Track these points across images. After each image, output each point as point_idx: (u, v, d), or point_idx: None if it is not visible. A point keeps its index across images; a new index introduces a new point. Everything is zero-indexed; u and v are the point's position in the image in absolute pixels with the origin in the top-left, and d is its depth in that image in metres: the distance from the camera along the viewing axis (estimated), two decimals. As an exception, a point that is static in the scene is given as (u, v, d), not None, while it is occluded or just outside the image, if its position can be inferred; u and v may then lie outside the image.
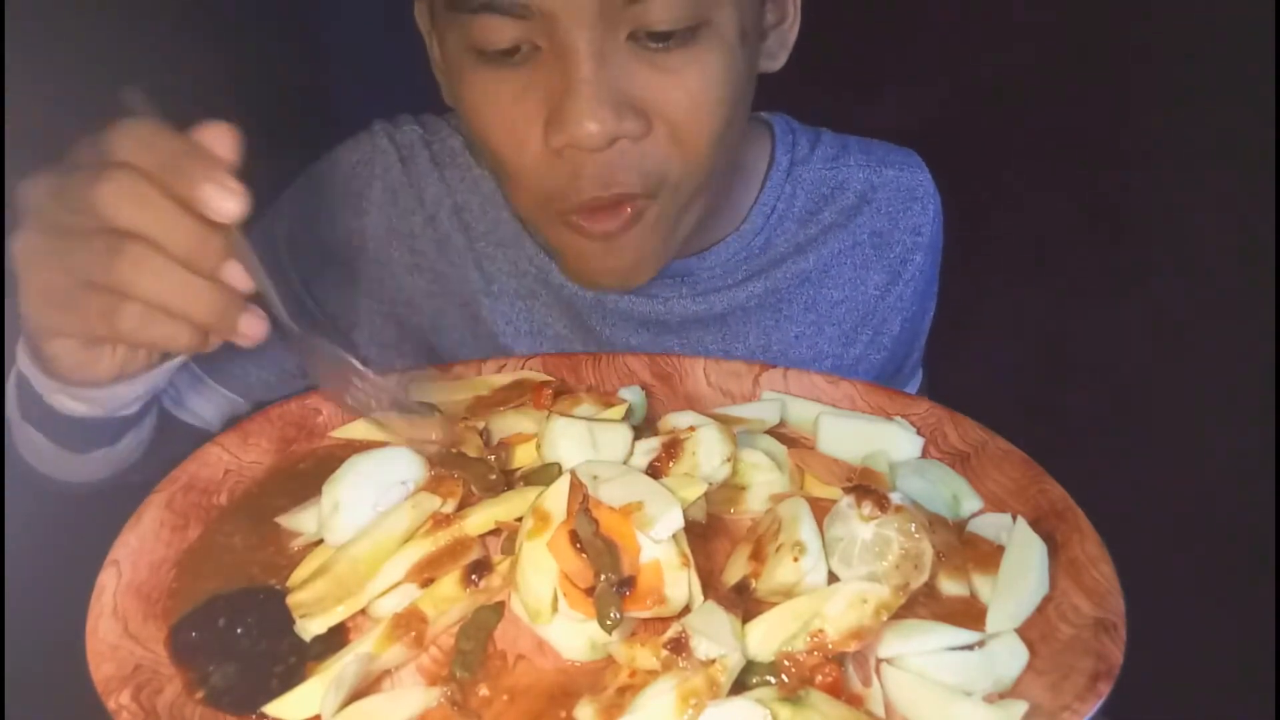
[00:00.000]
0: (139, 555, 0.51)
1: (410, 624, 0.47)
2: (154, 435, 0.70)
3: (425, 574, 0.48)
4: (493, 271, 0.77)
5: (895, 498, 0.52)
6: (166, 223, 0.43)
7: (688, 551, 0.51)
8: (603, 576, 0.49)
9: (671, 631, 0.46)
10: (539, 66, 0.56)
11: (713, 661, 0.45)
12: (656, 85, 0.56)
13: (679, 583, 0.50)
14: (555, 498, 0.51)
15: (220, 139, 0.45)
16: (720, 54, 0.57)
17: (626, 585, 0.49)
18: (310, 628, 0.45)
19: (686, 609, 0.49)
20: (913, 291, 0.82)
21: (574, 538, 0.50)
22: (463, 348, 0.78)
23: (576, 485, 0.52)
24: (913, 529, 0.50)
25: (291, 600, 0.45)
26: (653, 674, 0.46)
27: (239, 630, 0.47)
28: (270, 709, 0.43)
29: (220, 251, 0.45)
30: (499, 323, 0.78)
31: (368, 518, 0.50)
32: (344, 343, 0.53)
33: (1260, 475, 0.87)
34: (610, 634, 0.48)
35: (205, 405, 0.79)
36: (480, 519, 0.51)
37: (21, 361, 0.57)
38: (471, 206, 0.77)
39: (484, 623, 0.46)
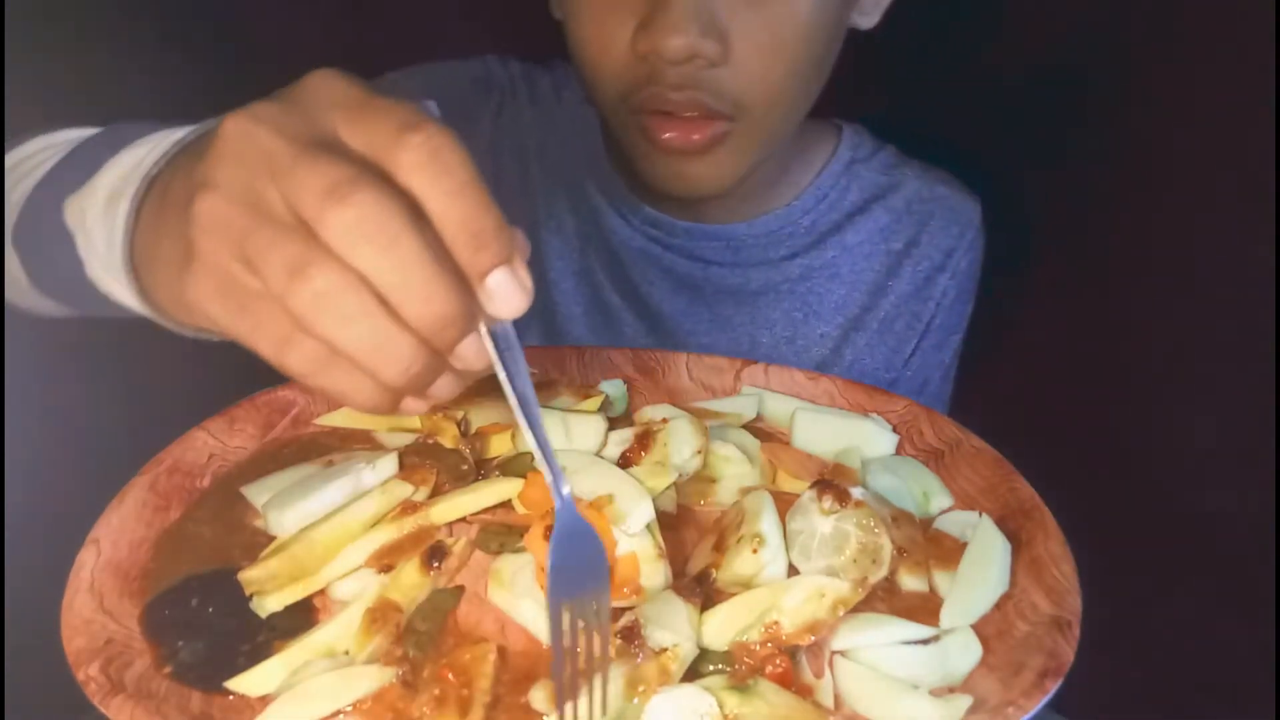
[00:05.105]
0: (119, 534, 0.52)
1: (387, 615, 0.48)
2: None
3: (385, 560, 0.49)
4: (555, 207, 0.82)
5: (856, 493, 0.52)
6: (409, 275, 0.32)
7: (663, 544, 0.52)
8: (579, 567, 0.50)
9: (624, 620, 0.47)
10: None
11: (665, 650, 0.46)
12: (742, 15, 0.61)
13: (656, 573, 0.51)
14: None
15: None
16: None
17: (602, 575, 0.50)
18: (266, 605, 0.46)
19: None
20: (933, 318, 0.85)
21: (550, 533, 0.51)
22: None
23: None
24: (871, 524, 0.50)
25: (243, 576, 0.47)
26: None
27: (210, 609, 0.49)
28: (232, 684, 0.44)
29: (463, 328, 0.34)
30: (551, 257, 0.83)
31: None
32: None
33: (1263, 476, 0.85)
34: None
35: None
36: (446, 508, 0.52)
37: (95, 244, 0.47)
38: (549, 145, 0.83)
39: (440, 605, 0.47)
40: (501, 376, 0.38)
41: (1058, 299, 1.00)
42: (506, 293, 0.34)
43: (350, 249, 0.32)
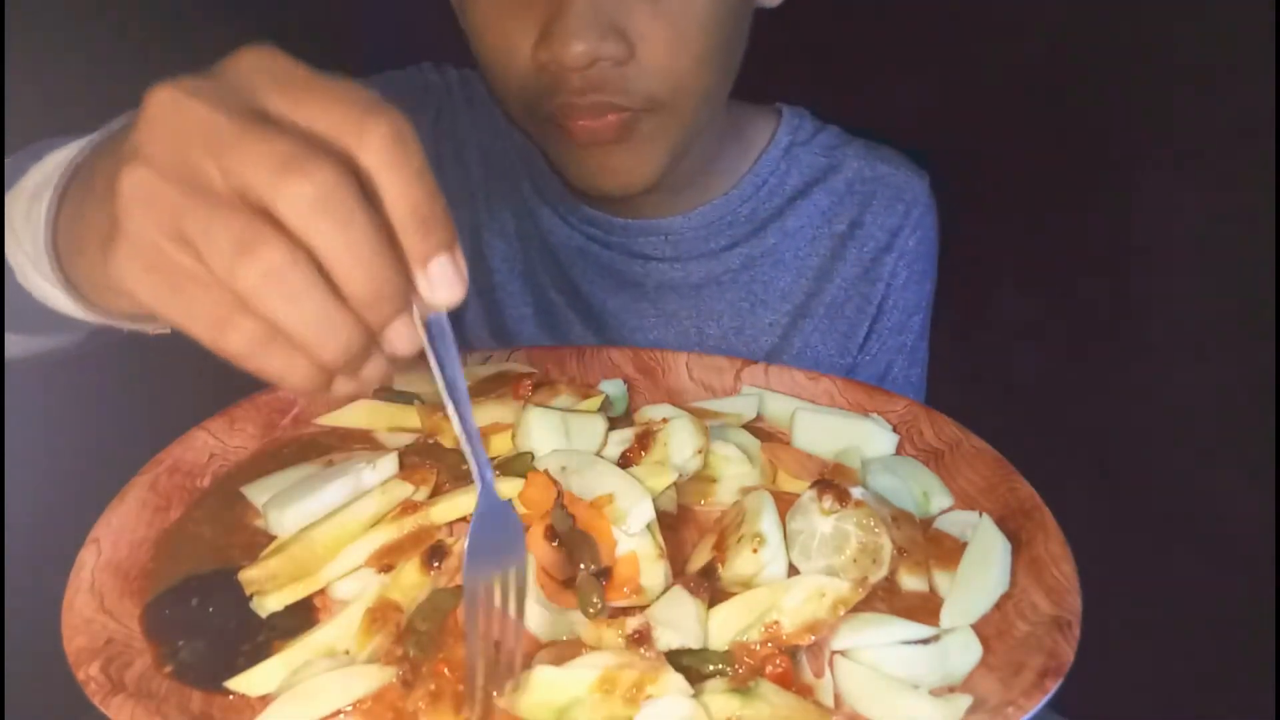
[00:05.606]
0: (120, 534, 0.52)
1: (387, 615, 0.48)
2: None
3: (385, 560, 0.49)
4: (496, 208, 0.82)
5: (857, 493, 0.52)
6: (358, 251, 0.32)
7: (663, 544, 0.52)
8: (582, 565, 0.50)
9: (636, 623, 0.47)
10: None
11: (660, 663, 0.45)
12: (641, 11, 0.60)
13: (656, 573, 0.51)
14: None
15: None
16: None
17: (602, 575, 0.50)
18: (266, 604, 0.46)
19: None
20: (885, 299, 0.83)
21: (550, 533, 0.51)
22: None
23: (552, 483, 0.53)
24: (871, 524, 0.50)
25: (243, 576, 0.47)
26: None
27: (211, 609, 0.49)
28: (232, 684, 0.44)
29: (398, 306, 0.35)
30: (496, 260, 0.83)
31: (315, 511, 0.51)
32: None
33: (1263, 475, 0.86)
34: (591, 620, 0.48)
35: None
36: (446, 508, 0.52)
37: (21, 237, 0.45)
38: (488, 149, 0.83)
39: (440, 605, 0.47)
40: (432, 362, 0.39)
41: (1057, 299, 1.00)
42: (446, 278, 0.35)
43: (307, 223, 0.32)
